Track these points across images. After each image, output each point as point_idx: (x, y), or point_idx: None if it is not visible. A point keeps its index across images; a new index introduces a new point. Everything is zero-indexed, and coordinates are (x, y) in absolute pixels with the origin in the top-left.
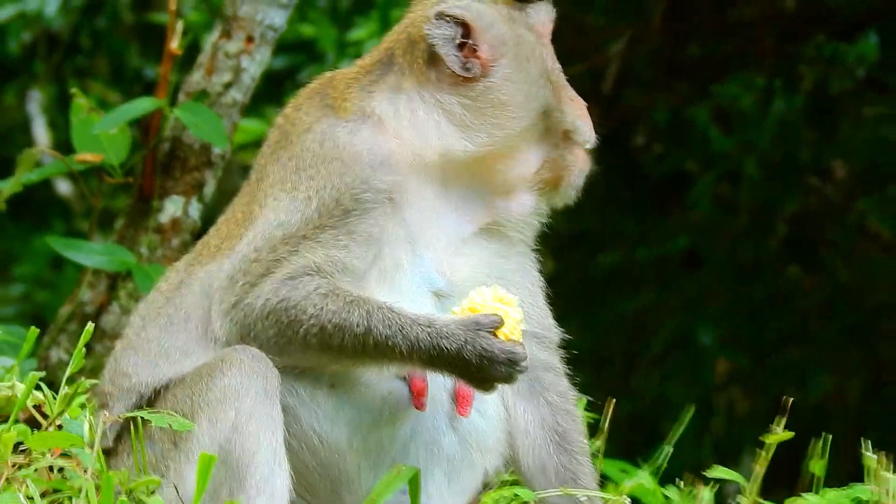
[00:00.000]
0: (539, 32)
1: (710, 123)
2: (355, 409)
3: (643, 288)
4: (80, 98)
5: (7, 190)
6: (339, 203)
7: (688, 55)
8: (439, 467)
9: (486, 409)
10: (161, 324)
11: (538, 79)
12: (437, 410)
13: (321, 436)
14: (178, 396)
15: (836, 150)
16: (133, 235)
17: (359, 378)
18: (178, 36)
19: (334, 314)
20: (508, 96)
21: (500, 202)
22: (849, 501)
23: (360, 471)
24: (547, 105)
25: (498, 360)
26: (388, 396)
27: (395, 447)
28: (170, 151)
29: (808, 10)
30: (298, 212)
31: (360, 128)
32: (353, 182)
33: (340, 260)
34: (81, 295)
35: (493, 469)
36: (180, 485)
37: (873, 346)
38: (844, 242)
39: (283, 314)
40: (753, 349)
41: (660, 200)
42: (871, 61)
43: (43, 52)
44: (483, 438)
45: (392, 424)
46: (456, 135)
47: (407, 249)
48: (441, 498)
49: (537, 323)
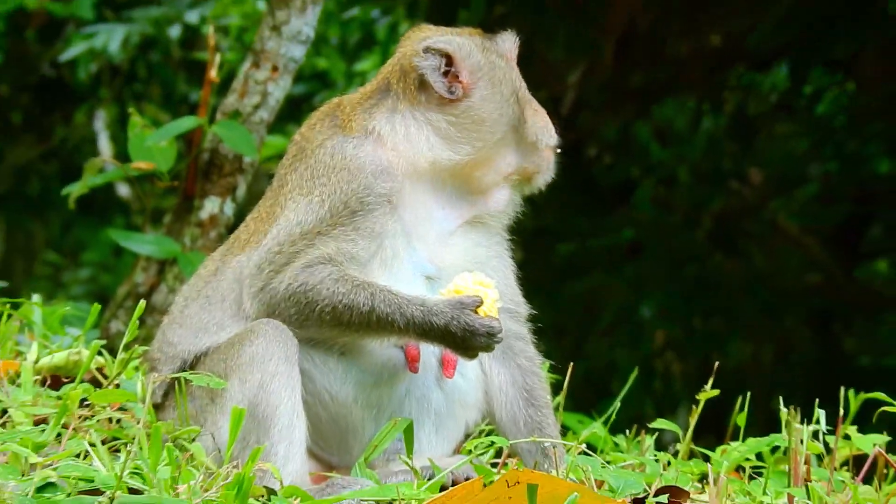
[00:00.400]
0: (507, 58)
1: (650, 139)
2: (361, 372)
3: (594, 272)
4: (137, 117)
5: (77, 192)
6: (347, 205)
7: (632, 83)
8: (429, 419)
9: (466, 371)
10: (201, 303)
11: (509, 97)
12: (427, 373)
13: (332, 393)
14: (215, 361)
15: (754, 161)
16: (178, 229)
17: (364, 347)
18: (215, 67)
19: (344, 295)
20: (486, 113)
21: (480, 199)
22: (767, 448)
23: (363, 422)
24: (517, 118)
25: (479, 333)
26: (387, 361)
27: (393, 402)
28: (209, 160)
29: (730, 45)
30: (313, 212)
31: (363, 143)
32: (358, 188)
33: (349, 251)
34: (136, 277)
35: (473, 422)
36: (216, 433)
37: (782, 319)
38: (759, 235)
39: (302, 296)
40: (685, 321)
41: (609, 201)
42: (781, 89)
43: (107, 80)
44: (464, 396)
45: (390, 384)
46: (443, 146)
47: (403, 242)
48: (430, 444)
49: (509, 300)
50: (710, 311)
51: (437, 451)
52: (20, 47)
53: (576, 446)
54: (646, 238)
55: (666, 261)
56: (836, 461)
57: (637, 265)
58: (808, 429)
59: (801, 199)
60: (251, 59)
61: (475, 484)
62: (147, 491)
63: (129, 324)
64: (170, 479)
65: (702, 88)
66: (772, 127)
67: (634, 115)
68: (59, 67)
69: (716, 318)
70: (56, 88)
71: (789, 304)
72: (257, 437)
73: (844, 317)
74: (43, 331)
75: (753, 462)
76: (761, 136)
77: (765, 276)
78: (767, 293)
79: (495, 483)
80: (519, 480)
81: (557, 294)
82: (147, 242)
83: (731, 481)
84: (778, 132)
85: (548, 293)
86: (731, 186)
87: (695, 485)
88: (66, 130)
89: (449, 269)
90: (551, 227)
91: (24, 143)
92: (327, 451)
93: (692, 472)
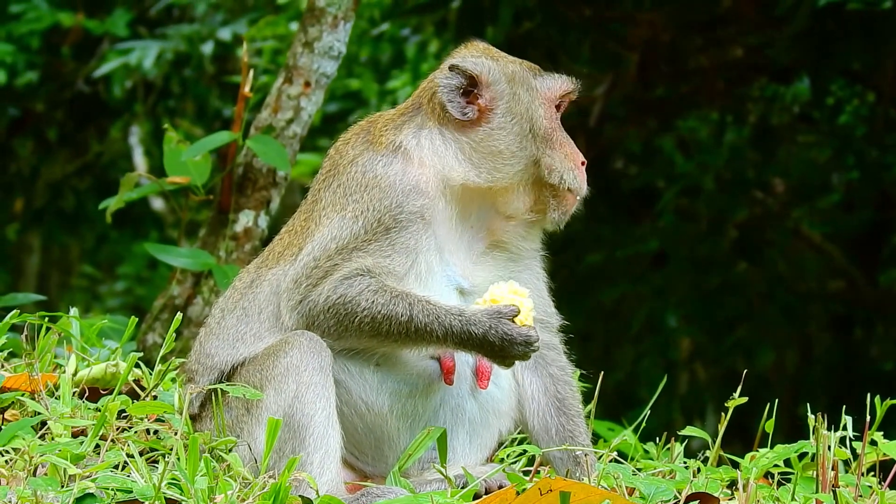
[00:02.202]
0: (544, 97)
1: (674, 150)
2: (396, 383)
3: (620, 281)
4: (171, 132)
5: (113, 206)
6: (381, 222)
7: (656, 96)
8: (462, 428)
9: (500, 381)
10: (237, 314)
11: (527, 133)
12: (461, 383)
13: (367, 403)
14: (250, 372)
15: (776, 170)
16: (213, 242)
17: (400, 358)
18: (249, 82)
19: (383, 306)
20: (503, 145)
21: (504, 224)
22: (795, 454)
23: (399, 432)
24: (535, 157)
25: (517, 342)
26: (422, 372)
27: (428, 412)
28: (243, 174)
29: (753, 58)
30: (348, 228)
31: (392, 160)
32: (390, 205)
33: (386, 265)
34: (172, 290)
35: (506, 430)
36: (252, 444)
37: (805, 325)
38: (782, 243)
39: (342, 307)
40: (710, 329)
41: (634, 211)
42: (803, 100)
43: (141, 95)
44: (498, 405)
45: (426, 395)
46: (469, 167)
47: (437, 257)
48: (464, 453)
49: (542, 310)
50: (735, 318)
51: (470, 459)
52: (56, 64)
53: (607, 454)
54: (670, 247)
55: (690, 269)
56: (863, 466)
57: (662, 274)
58: (835, 435)
59: (823, 207)
60: (284, 74)
61: (508, 492)
62: (185, 501)
63: (165, 336)
64: (207, 490)
65: (724, 100)
66: (794, 137)
67: (658, 127)
68: (94, 83)
69: (740, 325)
70: (91, 104)
71: (812, 311)
72: (293, 447)
73: (867, 323)
74: (81, 343)
75: (781, 468)
76: (784, 146)
77: (788, 283)
78: (791, 300)
79: (528, 491)
80: (552, 488)
81: (584, 303)
82: (182, 255)
83: (760, 487)
84: (800, 142)
85: (573, 303)
86: (755, 196)
87: (724, 491)
88: (101, 146)
89: (482, 282)
90: (577, 238)
91: (59, 158)
92: (362, 461)
93: (721, 479)
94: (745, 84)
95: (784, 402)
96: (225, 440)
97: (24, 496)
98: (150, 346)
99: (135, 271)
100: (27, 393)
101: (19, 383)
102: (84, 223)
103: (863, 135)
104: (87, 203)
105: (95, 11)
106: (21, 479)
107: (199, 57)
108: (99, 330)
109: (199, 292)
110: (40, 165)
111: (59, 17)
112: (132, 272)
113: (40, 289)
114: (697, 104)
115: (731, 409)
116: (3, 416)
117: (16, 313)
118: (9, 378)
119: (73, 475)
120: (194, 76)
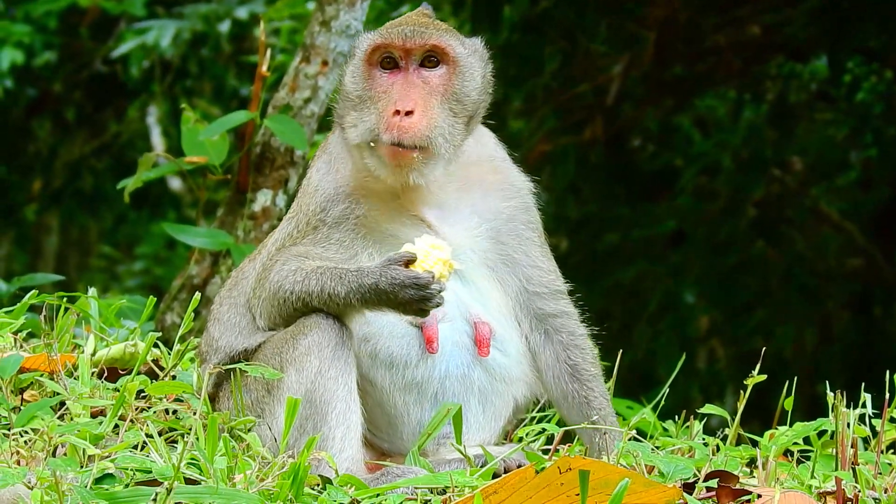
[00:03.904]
0: (357, 58)
1: (692, 129)
2: (387, 356)
3: (638, 260)
4: (189, 112)
5: (131, 186)
6: (309, 223)
7: (673, 75)
8: (473, 397)
9: (506, 348)
10: (229, 304)
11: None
12: (463, 352)
13: (370, 379)
14: (269, 355)
15: (794, 148)
16: (231, 221)
17: (380, 330)
18: (266, 62)
19: (301, 283)
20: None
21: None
22: (814, 432)
23: (407, 406)
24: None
25: (405, 285)
26: (408, 344)
27: (433, 384)
28: (261, 154)
29: (770, 36)
30: (284, 230)
31: (321, 167)
32: (316, 209)
33: (319, 253)
34: (190, 270)
35: (522, 397)
36: (273, 424)
37: (824, 303)
38: (801, 221)
39: (279, 293)
40: (728, 308)
41: (651, 190)
42: (821, 77)
43: (158, 76)
44: (506, 372)
45: (424, 365)
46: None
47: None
48: (477, 422)
49: (538, 282)
50: (753, 296)
51: (484, 429)
52: (73, 44)
53: (626, 432)
54: (688, 226)
55: (708, 248)
56: (883, 444)
57: (680, 253)
58: (854, 412)
59: (841, 185)
60: (301, 53)
61: (528, 471)
62: (204, 481)
63: (184, 316)
64: (226, 470)
65: (742, 79)
66: (811, 115)
67: (676, 106)
68: (112, 64)
69: (758, 303)
70: (109, 84)
71: (831, 288)
72: (314, 424)
73: (886, 300)
74: (99, 324)
75: (801, 446)
76: (801, 124)
77: (806, 261)
78: (809, 278)
79: (547, 470)
80: (571, 467)
81: (602, 283)
82: (201, 235)
83: (780, 465)
84: (818, 120)
85: (591, 282)
86: (773, 174)
87: (743, 469)
88: (118, 126)
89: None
90: (594, 218)
91: (77, 138)
92: (379, 437)
93: (741, 457)
94: (762, 62)
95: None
96: (244, 420)
97: (43, 477)
98: (169, 325)
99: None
100: (46, 373)
101: (38, 364)
102: (102, 203)
103: (880, 112)
104: (106, 183)
105: None
106: (40, 459)
107: (216, 36)
108: (117, 310)
109: (217, 272)
110: (58, 146)
111: None
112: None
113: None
114: (715, 83)
115: (750, 387)
116: (22, 397)
117: (34, 294)
118: (28, 358)
119: (92, 455)
120: (211, 56)
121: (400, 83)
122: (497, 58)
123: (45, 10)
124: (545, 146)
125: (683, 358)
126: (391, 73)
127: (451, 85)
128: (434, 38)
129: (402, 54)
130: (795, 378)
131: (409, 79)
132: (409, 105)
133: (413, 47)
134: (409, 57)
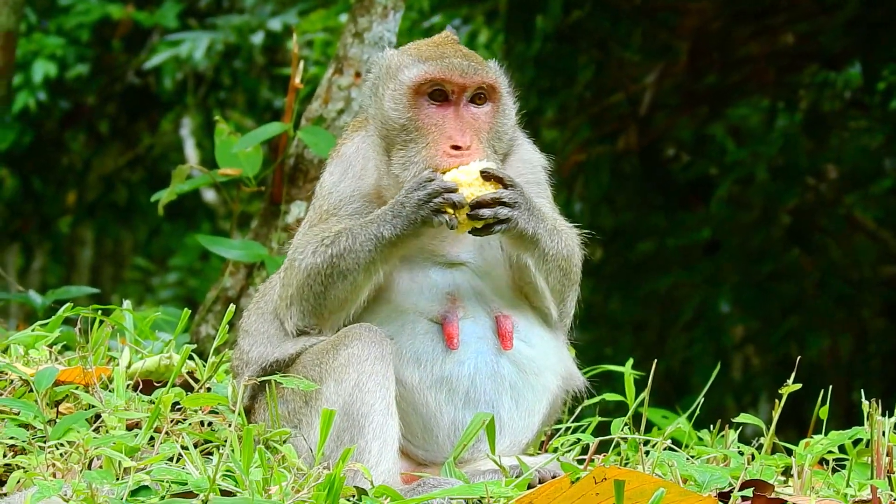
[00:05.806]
0: (403, 85)
1: (726, 138)
2: (411, 353)
3: (673, 269)
4: (223, 124)
5: (165, 198)
6: (325, 214)
7: (707, 84)
8: (506, 393)
9: (531, 339)
10: (257, 314)
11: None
12: (489, 348)
13: (401, 380)
14: (308, 366)
15: (828, 157)
16: (265, 233)
17: (404, 326)
18: (300, 73)
19: (330, 245)
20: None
21: None
22: (850, 440)
23: (439, 405)
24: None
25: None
26: (431, 340)
27: (463, 382)
28: (294, 165)
29: (804, 45)
30: (303, 231)
31: (334, 171)
32: (330, 208)
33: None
34: (224, 282)
35: (556, 387)
36: (310, 435)
37: (859, 311)
38: (835, 229)
39: (311, 270)
40: (762, 316)
41: (686, 200)
42: (855, 86)
43: (191, 87)
44: (533, 364)
45: (451, 362)
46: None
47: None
48: (511, 419)
49: None
50: (788, 304)
51: (518, 425)
52: (106, 57)
53: (661, 442)
54: (723, 235)
55: (743, 257)
56: None
57: (714, 262)
58: (890, 421)
59: (876, 192)
60: (334, 65)
61: (563, 481)
62: (239, 493)
63: (218, 327)
64: (262, 481)
65: (775, 88)
66: (846, 123)
67: (709, 115)
68: (145, 76)
69: (792, 311)
70: (142, 97)
71: (865, 296)
72: (351, 436)
73: None
74: (134, 336)
75: (836, 454)
76: (836, 132)
77: (841, 269)
78: (843, 286)
79: (582, 480)
80: (606, 477)
81: (637, 292)
82: (235, 247)
83: (815, 474)
84: (852, 128)
85: (626, 291)
86: (807, 182)
87: (779, 478)
88: (152, 138)
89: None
90: (629, 227)
91: (111, 151)
92: (415, 444)
93: (776, 466)
94: (796, 71)
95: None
96: (279, 431)
97: (79, 489)
98: (204, 337)
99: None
100: (81, 386)
101: (73, 376)
102: (136, 216)
103: None
104: (140, 195)
105: (145, 3)
106: (76, 472)
107: (249, 48)
108: (152, 322)
109: (251, 284)
110: (92, 158)
111: (108, 9)
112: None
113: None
114: (748, 92)
115: (784, 395)
116: (58, 410)
117: (69, 306)
118: (63, 371)
119: (127, 468)
120: (245, 68)
121: (451, 118)
122: (530, 68)
123: (78, 23)
124: (579, 156)
125: (718, 367)
126: (440, 106)
127: (494, 122)
128: (489, 76)
129: (456, 89)
130: (830, 386)
131: (461, 114)
132: (467, 141)
133: (469, 84)
134: (462, 92)
